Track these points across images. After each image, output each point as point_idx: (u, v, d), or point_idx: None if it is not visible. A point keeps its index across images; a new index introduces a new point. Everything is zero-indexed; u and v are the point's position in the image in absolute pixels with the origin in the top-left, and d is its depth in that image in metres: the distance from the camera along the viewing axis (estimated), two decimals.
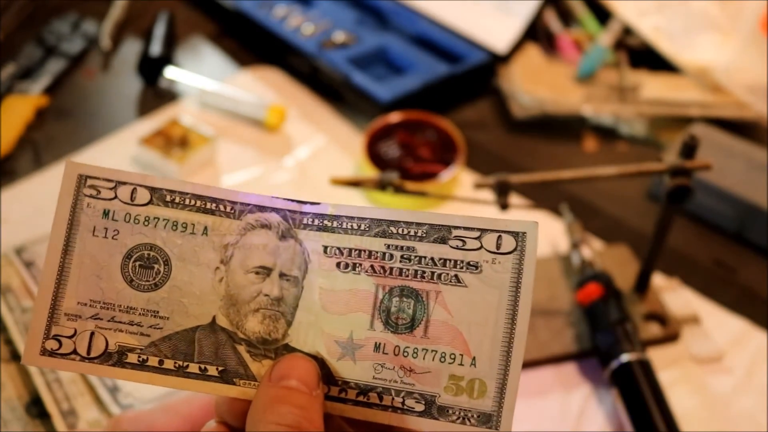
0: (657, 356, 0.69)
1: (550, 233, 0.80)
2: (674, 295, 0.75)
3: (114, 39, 1.02)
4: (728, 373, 0.71)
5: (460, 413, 0.35)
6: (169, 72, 0.95)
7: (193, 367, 0.36)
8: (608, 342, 0.67)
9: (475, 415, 0.35)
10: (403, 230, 0.36)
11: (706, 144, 0.79)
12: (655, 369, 0.66)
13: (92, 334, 0.36)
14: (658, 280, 0.76)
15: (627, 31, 1.02)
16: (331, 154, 0.89)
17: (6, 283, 0.71)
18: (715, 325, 0.74)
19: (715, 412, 0.68)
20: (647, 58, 1.00)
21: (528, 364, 0.69)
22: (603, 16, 1.04)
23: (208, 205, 0.36)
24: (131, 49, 1.01)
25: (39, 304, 0.36)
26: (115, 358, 0.36)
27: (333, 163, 0.88)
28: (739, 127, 0.92)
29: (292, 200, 0.37)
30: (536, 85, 0.96)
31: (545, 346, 0.70)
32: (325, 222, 0.36)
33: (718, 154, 0.83)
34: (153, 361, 0.36)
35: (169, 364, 0.36)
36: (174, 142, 0.86)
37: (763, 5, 0.94)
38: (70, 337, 0.36)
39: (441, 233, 0.36)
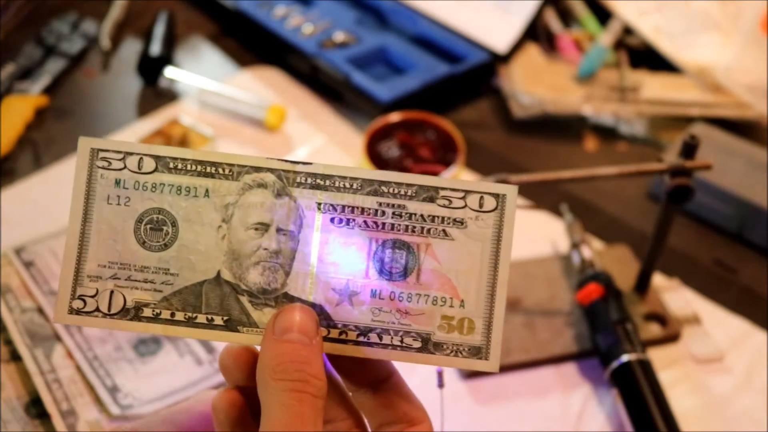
0: (657, 356, 0.69)
1: (550, 233, 0.80)
2: (674, 295, 0.75)
3: (114, 39, 1.02)
4: (728, 373, 0.71)
5: (453, 347, 0.39)
6: (169, 72, 0.95)
7: (201, 318, 0.39)
8: (608, 342, 0.67)
9: (466, 348, 0.39)
10: (393, 190, 0.39)
11: (707, 144, 0.79)
12: (655, 369, 0.66)
13: (112, 292, 0.39)
14: (658, 280, 0.76)
15: (627, 31, 1.02)
16: (331, 154, 0.89)
17: (5, 283, 0.71)
18: (715, 325, 0.74)
19: (715, 412, 0.68)
20: (647, 57, 1.00)
21: (528, 364, 0.69)
22: (603, 15, 1.04)
23: (208, 169, 0.40)
24: (131, 48, 1.01)
25: (65, 269, 0.39)
26: (132, 313, 0.39)
27: (333, 163, 0.88)
28: (740, 127, 0.92)
29: (286, 160, 0.40)
30: (536, 85, 0.96)
31: (545, 346, 0.70)
32: (318, 180, 0.40)
33: (719, 154, 0.83)
34: (166, 314, 0.39)
35: (179, 316, 0.39)
36: (174, 142, 0.86)
37: (763, 5, 0.94)
38: (93, 297, 0.39)
39: (429, 193, 0.39)
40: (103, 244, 0.39)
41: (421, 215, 0.39)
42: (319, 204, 0.39)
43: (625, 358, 0.65)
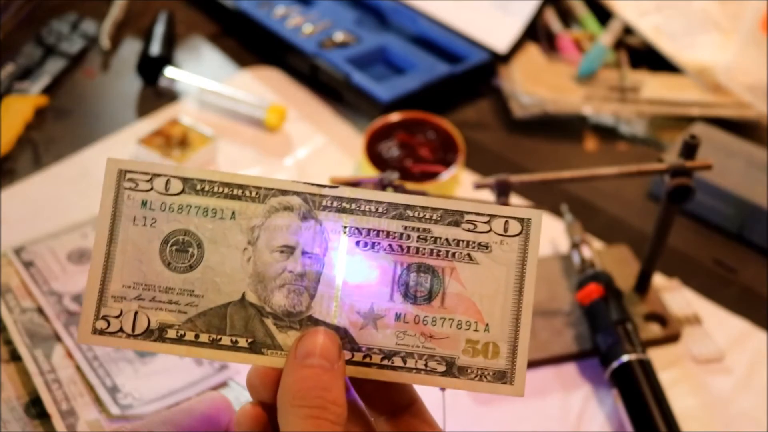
0: (657, 356, 0.69)
1: (550, 233, 0.80)
2: (674, 295, 0.75)
3: (113, 39, 1.02)
4: (728, 373, 0.71)
5: (477, 371, 0.39)
6: (169, 72, 0.95)
7: (225, 340, 0.39)
8: (608, 342, 0.67)
9: (491, 373, 0.39)
10: (419, 214, 0.40)
11: (707, 144, 0.79)
12: (655, 369, 0.66)
13: (136, 313, 0.39)
14: (658, 280, 0.76)
15: (627, 31, 1.02)
16: (331, 154, 0.89)
17: (5, 283, 0.71)
18: (715, 325, 0.74)
19: (715, 412, 0.68)
20: (648, 57, 1.00)
21: (528, 365, 0.69)
22: (603, 15, 1.04)
23: (235, 192, 0.40)
24: (131, 48, 1.01)
25: (89, 289, 0.39)
26: (156, 334, 0.39)
27: (333, 163, 0.88)
28: (740, 127, 0.92)
29: (312, 184, 0.40)
30: (536, 84, 0.96)
31: (545, 346, 0.70)
32: (344, 204, 0.40)
33: (719, 153, 0.83)
34: (190, 336, 0.39)
35: (204, 337, 0.39)
36: (174, 142, 0.86)
37: (763, 5, 0.94)
38: (117, 317, 0.39)
39: (454, 217, 0.39)
40: (128, 265, 0.39)
41: (446, 239, 0.39)
42: (345, 227, 0.39)
43: (625, 358, 0.65)
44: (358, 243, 0.39)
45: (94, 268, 0.39)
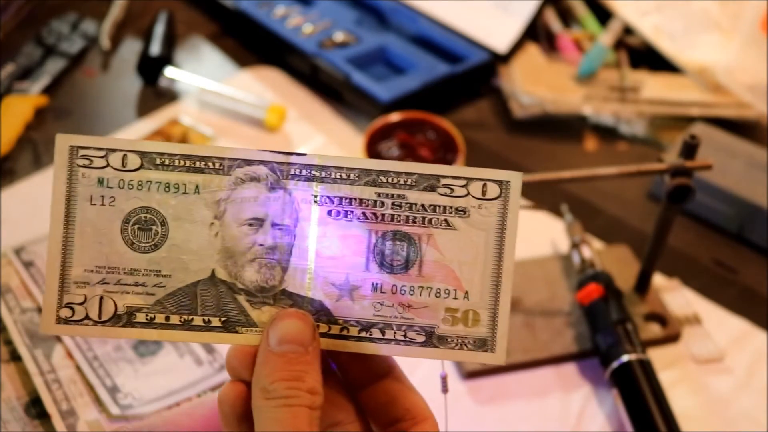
0: (657, 356, 0.69)
1: (550, 233, 0.80)
2: (674, 295, 0.75)
3: (113, 39, 1.02)
4: (728, 373, 0.71)
5: (458, 340, 0.38)
6: (169, 72, 0.95)
7: (198, 320, 0.38)
8: (608, 342, 0.67)
9: (471, 341, 0.38)
10: (393, 179, 0.38)
11: (707, 144, 0.79)
12: (655, 369, 0.66)
13: (101, 298, 0.38)
14: (658, 280, 0.76)
15: (627, 31, 1.02)
16: (331, 154, 0.89)
17: (5, 283, 0.71)
18: (716, 325, 0.74)
19: (715, 412, 0.68)
20: (648, 57, 1.00)
21: (528, 364, 0.69)
22: (603, 15, 1.04)
23: (197, 164, 0.38)
24: (131, 48, 1.01)
25: (49, 276, 0.37)
26: (125, 319, 0.38)
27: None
28: (740, 127, 0.92)
29: (279, 152, 0.38)
30: (536, 84, 0.96)
31: (545, 346, 0.70)
32: (313, 172, 0.38)
33: (719, 153, 0.83)
34: (160, 318, 0.38)
35: (174, 319, 0.38)
36: (174, 141, 0.86)
37: (763, 5, 0.94)
38: (81, 304, 0.38)
39: (430, 182, 0.38)
40: (88, 248, 0.37)
41: (422, 205, 0.38)
42: (315, 196, 0.38)
43: (625, 358, 0.65)
44: (330, 212, 0.38)
45: (51, 254, 0.37)
